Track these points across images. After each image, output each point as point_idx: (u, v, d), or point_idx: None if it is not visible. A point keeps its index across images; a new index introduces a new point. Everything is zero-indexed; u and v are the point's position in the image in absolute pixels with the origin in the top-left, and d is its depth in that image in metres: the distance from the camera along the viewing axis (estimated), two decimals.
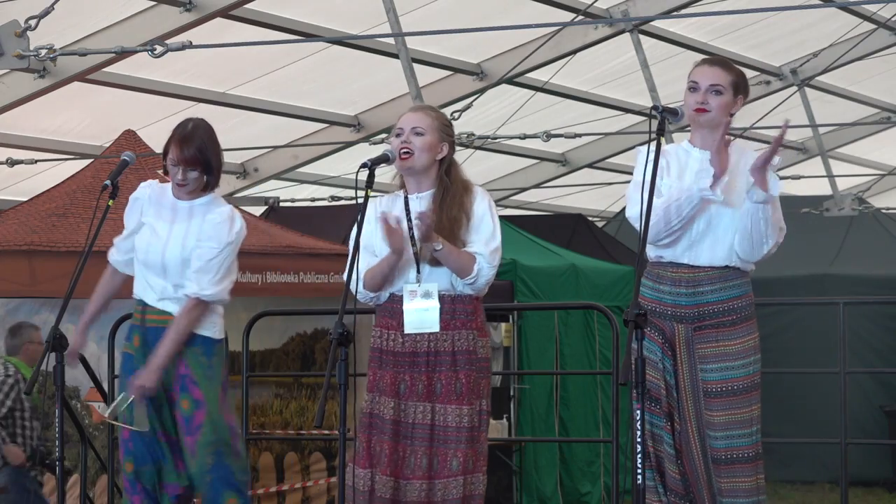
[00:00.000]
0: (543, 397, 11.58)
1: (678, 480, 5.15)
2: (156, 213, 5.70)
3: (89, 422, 8.18)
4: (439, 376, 5.20)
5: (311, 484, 9.22)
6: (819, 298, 12.56)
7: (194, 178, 5.63)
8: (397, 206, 5.33)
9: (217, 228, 5.62)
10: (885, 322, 13.29)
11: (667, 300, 5.17)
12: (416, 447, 5.18)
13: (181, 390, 5.60)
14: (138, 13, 9.96)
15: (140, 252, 5.68)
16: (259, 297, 8.62)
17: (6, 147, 11.63)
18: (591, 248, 13.42)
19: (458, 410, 5.17)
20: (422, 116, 5.31)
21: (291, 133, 13.18)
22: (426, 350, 5.20)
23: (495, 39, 11.98)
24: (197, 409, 5.58)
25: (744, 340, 5.14)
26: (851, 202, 14.53)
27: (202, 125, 5.71)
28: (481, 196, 5.32)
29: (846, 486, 7.24)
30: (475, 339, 5.24)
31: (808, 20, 13.44)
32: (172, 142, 5.62)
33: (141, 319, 5.67)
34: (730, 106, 5.20)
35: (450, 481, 5.14)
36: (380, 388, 5.22)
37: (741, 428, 5.10)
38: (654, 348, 5.17)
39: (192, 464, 5.58)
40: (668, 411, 5.15)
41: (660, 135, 4.89)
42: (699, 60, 5.33)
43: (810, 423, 12.59)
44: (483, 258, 5.20)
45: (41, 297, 8.12)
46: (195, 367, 5.60)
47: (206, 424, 5.56)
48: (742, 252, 5.13)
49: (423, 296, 5.20)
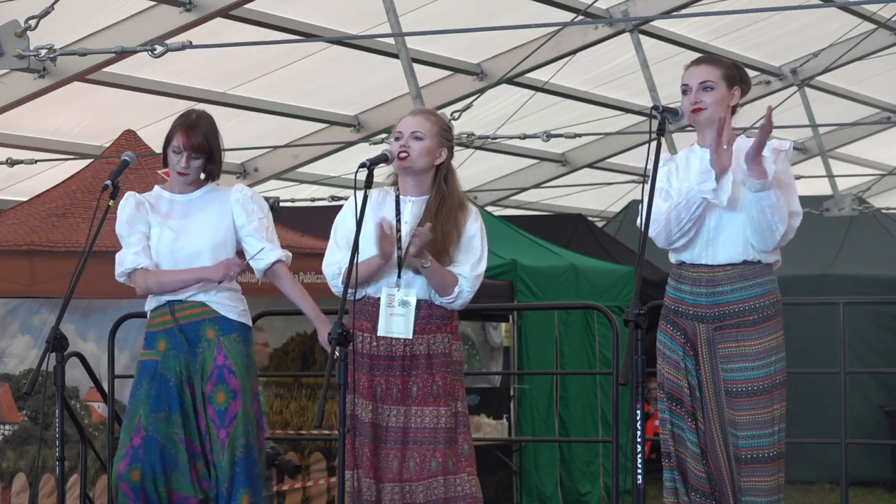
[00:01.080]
0: (543, 397, 11.58)
1: (704, 479, 5.14)
2: (164, 214, 5.66)
3: (89, 422, 8.18)
4: (415, 379, 5.21)
5: (311, 484, 9.21)
6: (819, 298, 12.57)
7: (196, 167, 5.61)
8: (387, 204, 5.33)
9: (255, 200, 5.67)
10: (885, 322, 13.29)
11: (687, 300, 5.17)
12: (389, 450, 5.19)
13: (217, 381, 5.52)
14: (138, 13, 9.96)
15: (166, 252, 5.59)
16: (259, 297, 8.61)
17: (6, 147, 11.63)
18: (591, 248, 13.42)
19: (435, 412, 5.18)
20: (421, 120, 5.30)
21: (291, 133, 13.18)
22: (402, 354, 5.21)
23: (495, 39, 11.98)
24: (233, 399, 5.51)
25: (764, 340, 5.11)
26: (851, 202, 14.53)
27: (206, 115, 5.73)
28: (475, 216, 5.34)
29: (846, 486, 7.23)
30: (450, 342, 5.27)
31: (808, 20, 13.43)
32: (178, 129, 5.61)
33: (173, 320, 5.57)
34: (725, 99, 5.19)
35: (431, 482, 5.13)
36: (357, 391, 5.22)
37: (763, 428, 5.08)
38: (676, 347, 5.17)
39: (222, 458, 5.50)
40: (692, 411, 5.14)
41: (660, 135, 4.90)
42: (688, 63, 5.33)
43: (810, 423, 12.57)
44: (466, 282, 5.23)
45: (41, 297, 8.11)
46: (234, 357, 5.55)
47: (240, 416, 5.52)
48: (756, 243, 5.10)
49: (401, 303, 5.22)
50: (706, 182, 5.06)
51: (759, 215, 5.04)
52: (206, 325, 5.57)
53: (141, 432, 5.53)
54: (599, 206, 17.46)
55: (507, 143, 13.94)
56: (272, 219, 5.72)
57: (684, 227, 5.12)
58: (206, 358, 5.55)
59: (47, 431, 7.96)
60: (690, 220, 5.11)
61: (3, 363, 8.31)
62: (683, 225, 5.12)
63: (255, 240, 5.61)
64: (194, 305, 5.58)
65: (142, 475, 5.50)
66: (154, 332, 5.62)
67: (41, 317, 8.18)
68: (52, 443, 6.14)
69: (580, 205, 16.86)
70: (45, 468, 8.12)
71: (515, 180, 16.05)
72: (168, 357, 5.55)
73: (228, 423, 5.51)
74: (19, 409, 8.33)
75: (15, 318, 8.29)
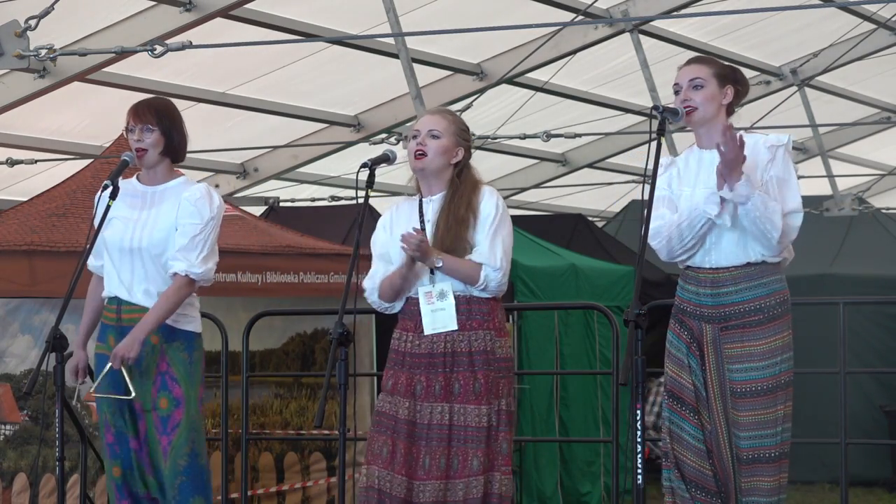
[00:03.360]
0: (543, 397, 11.57)
1: (710, 478, 5.13)
2: (127, 205, 5.64)
3: (89, 422, 8.17)
4: (457, 376, 5.20)
5: (311, 484, 9.21)
6: (819, 298, 12.55)
7: (152, 142, 5.59)
8: (413, 210, 5.34)
9: (198, 204, 5.56)
10: (885, 322, 13.28)
11: (693, 300, 5.17)
12: (434, 448, 5.17)
13: (160, 388, 5.52)
14: (138, 13, 9.96)
15: (112, 243, 5.60)
16: (259, 297, 8.62)
17: (6, 147, 11.62)
18: (591, 248, 13.41)
19: (477, 410, 5.18)
20: (439, 119, 5.33)
21: (291, 133, 13.18)
22: (443, 351, 5.21)
23: (495, 39, 11.98)
24: (176, 407, 5.50)
25: (770, 340, 5.09)
26: (851, 202, 14.52)
27: (162, 99, 5.78)
28: (489, 194, 5.31)
29: (846, 486, 7.23)
30: (493, 339, 5.24)
31: (808, 20, 13.43)
32: (129, 112, 5.65)
33: (116, 318, 5.58)
34: (716, 97, 5.16)
35: (471, 480, 5.15)
36: (397, 389, 5.22)
37: (766, 428, 5.07)
38: (681, 346, 5.17)
39: (164, 466, 5.50)
40: (695, 408, 5.13)
41: (660, 135, 4.90)
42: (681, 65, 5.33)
43: (810, 423, 12.56)
44: (488, 266, 5.21)
45: (41, 297, 8.10)
46: (177, 365, 5.54)
47: (184, 424, 5.50)
48: (758, 246, 5.10)
49: (439, 296, 5.21)
50: (711, 205, 5.04)
51: (750, 226, 5.03)
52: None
53: (111, 428, 5.56)
54: (599, 206, 17.46)
55: (507, 143, 13.93)
56: (212, 227, 5.58)
57: (687, 244, 5.12)
58: (149, 363, 5.53)
59: (48, 431, 7.96)
60: (694, 238, 5.11)
61: (4, 363, 8.30)
62: (686, 242, 5.11)
63: (174, 244, 5.54)
64: (140, 309, 5.55)
65: (122, 471, 5.53)
66: (106, 326, 5.64)
67: (41, 317, 8.18)
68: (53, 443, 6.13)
69: (580, 205, 16.86)
70: (46, 468, 8.11)
71: (515, 180, 16.05)
72: None
73: (171, 431, 5.50)
74: (20, 409, 8.33)
75: (15, 318, 8.28)
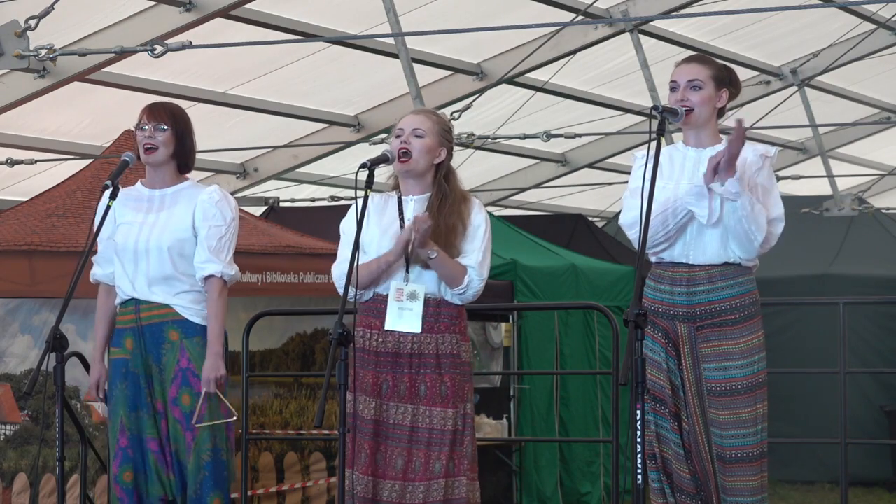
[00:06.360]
0: (543, 397, 11.57)
1: (689, 480, 5.14)
2: (132, 209, 5.66)
3: (89, 422, 8.18)
4: (423, 378, 5.20)
5: (311, 484, 9.21)
6: (819, 298, 12.55)
7: (163, 140, 5.59)
8: (390, 206, 5.34)
9: (219, 206, 5.61)
10: (885, 322, 13.28)
11: (666, 300, 5.18)
12: (393, 447, 5.18)
13: (182, 384, 5.54)
14: (138, 13, 9.96)
15: (124, 248, 5.61)
16: (259, 297, 8.62)
17: (6, 147, 11.62)
18: (591, 248, 13.42)
19: (443, 413, 5.18)
20: (423, 119, 5.34)
21: (291, 133, 13.18)
22: (409, 352, 5.21)
23: (495, 39, 11.98)
24: (198, 402, 5.52)
25: (746, 339, 5.12)
26: (851, 202, 14.53)
27: (175, 105, 5.77)
28: (478, 207, 5.37)
29: (846, 486, 7.24)
30: (458, 342, 5.26)
31: (808, 20, 13.43)
32: (142, 111, 5.64)
33: (135, 319, 5.59)
34: (712, 99, 5.20)
35: (432, 483, 5.13)
36: (363, 388, 5.22)
37: (745, 427, 5.09)
38: (658, 348, 5.17)
39: (189, 461, 5.53)
40: (675, 412, 5.14)
41: (660, 135, 4.90)
42: (678, 61, 5.34)
43: (810, 423, 12.58)
44: (474, 271, 5.24)
45: (41, 297, 8.11)
46: (197, 360, 5.55)
47: (206, 419, 5.53)
48: (737, 250, 5.12)
49: (409, 296, 5.22)
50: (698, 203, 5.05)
51: (735, 225, 5.04)
52: (169, 327, 5.57)
53: (125, 432, 5.56)
54: (599, 206, 17.47)
55: (507, 143, 13.94)
56: (234, 228, 5.65)
57: (670, 232, 5.13)
58: (170, 360, 5.55)
59: (48, 431, 7.96)
60: (676, 227, 5.12)
61: (4, 363, 8.31)
62: (669, 230, 5.12)
63: (201, 248, 5.58)
64: (158, 307, 5.57)
65: (134, 475, 5.53)
66: (122, 330, 5.64)
67: (41, 317, 8.18)
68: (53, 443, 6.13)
69: (580, 205, 16.86)
70: (46, 468, 8.12)
71: (515, 180, 16.05)
72: (136, 356, 5.58)
73: (194, 427, 5.52)
74: (20, 410, 8.33)
75: (15, 319, 8.28)
